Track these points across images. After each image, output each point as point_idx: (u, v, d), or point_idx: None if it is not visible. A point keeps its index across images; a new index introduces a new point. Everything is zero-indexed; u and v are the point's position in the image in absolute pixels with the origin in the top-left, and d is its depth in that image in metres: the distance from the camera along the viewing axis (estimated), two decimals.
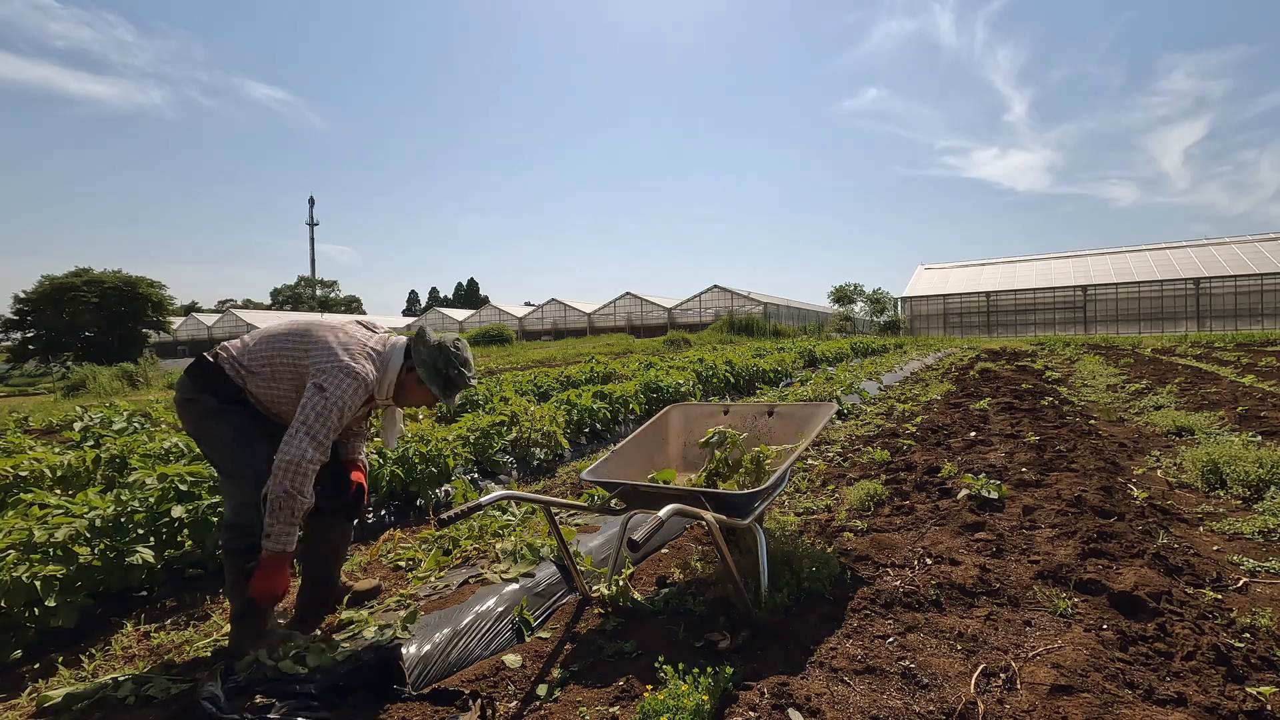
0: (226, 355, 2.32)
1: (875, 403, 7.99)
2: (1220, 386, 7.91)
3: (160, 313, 31.92)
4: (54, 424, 7.59)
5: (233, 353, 2.32)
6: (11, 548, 2.43)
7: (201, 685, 1.85)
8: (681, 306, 46.91)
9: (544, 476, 5.13)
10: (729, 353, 13.95)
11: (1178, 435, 5.49)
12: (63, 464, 3.93)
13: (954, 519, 3.23)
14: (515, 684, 2.05)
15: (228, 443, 2.27)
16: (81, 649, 2.45)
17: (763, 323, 36.77)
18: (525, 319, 53.00)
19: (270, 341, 2.32)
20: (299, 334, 2.32)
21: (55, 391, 15.99)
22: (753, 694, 1.80)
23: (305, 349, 2.27)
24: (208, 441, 2.31)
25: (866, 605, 2.34)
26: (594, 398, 6.59)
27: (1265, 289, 29.55)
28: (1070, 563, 2.61)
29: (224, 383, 2.28)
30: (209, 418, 2.29)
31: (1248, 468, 3.79)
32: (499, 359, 23.09)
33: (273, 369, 2.29)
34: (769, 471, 2.51)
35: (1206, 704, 1.74)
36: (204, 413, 2.29)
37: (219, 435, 2.28)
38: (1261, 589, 2.55)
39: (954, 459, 4.56)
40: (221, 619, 2.63)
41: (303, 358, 2.26)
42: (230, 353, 2.32)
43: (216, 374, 2.29)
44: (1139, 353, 15.20)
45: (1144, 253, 35.78)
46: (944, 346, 22.38)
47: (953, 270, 41.58)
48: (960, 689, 1.82)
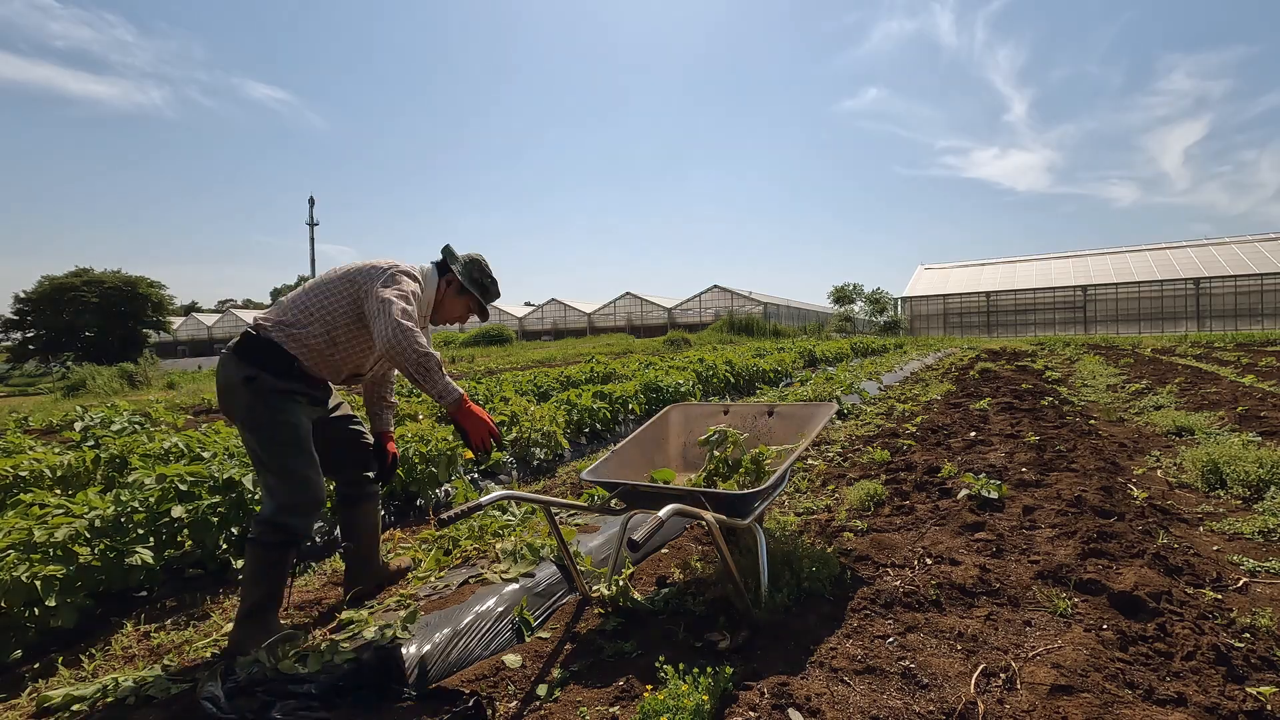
0: (269, 323, 2.25)
1: (875, 403, 7.99)
2: (1220, 386, 7.91)
3: (160, 313, 31.95)
4: (54, 424, 7.59)
5: (273, 319, 2.26)
6: (11, 548, 2.43)
7: (201, 685, 1.85)
8: (681, 306, 46.91)
9: (544, 476, 5.13)
10: (729, 353, 13.95)
11: (1178, 435, 5.48)
12: (63, 464, 3.93)
13: (954, 519, 3.23)
14: (515, 684, 2.05)
15: (287, 439, 2.21)
16: (81, 649, 2.45)
17: (763, 323, 36.77)
18: (525, 319, 52.99)
19: (310, 292, 2.32)
20: (337, 275, 2.34)
21: (55, 391, 15.99)
22: (753, 694, 1.80)
23: (351, 278, 2.30)
24: (264, 430, 2.20)
25: (866, 605, 2.34)
26: (594, 398, 6.59)
27: (1265, 289, 29.54)
28: (1070, 563, 2.61)
29: (277, 355, 2.22)
30: (268, 404, 2.19)
31: (1248, 468, 3.79)
32: (499, 359, 23.08)
33: (324, 309, 2.28)
34: (769, 471, 2.51)
35: (1206, 704, 1.74)
36: (265, 394, 2.19)
37: (279, 426, 2.20)
38: (1261, 589, 2.55)
39: (954, 459, 4.56)
40: (222, 619, 2.63)
41: (352, 285, 2.29)
42: (271, 320, 2.26)
43: (268, 346, 2.22)
44: (1139, 353, 15.20)
45: (1144, 253, 35.77)
46: (944, 346, 22.37)
47: (953, 270, 41.57)
48: (960, 689, 1.82)
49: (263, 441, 2.21)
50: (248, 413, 2.21)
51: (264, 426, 2.20)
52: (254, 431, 2.21)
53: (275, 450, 2.21)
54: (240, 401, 2.20)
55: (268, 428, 2.20)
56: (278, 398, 2.21)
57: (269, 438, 2.20)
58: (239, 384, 2.19)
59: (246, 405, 2.20)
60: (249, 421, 2.21)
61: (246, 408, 2.20)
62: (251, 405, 2.19)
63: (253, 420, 2.21)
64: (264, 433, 2.20)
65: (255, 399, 2.19)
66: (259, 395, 2.19)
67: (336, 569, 3.17)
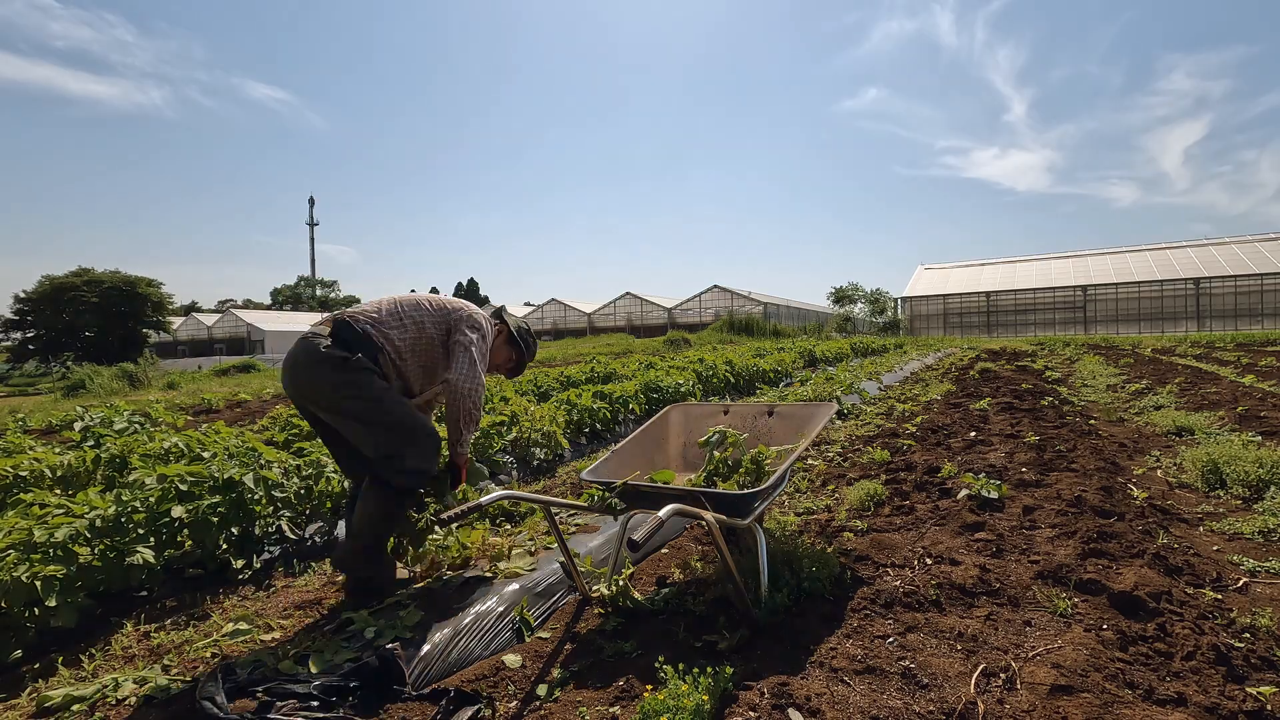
0: (365, 320, 2.54)
1: (875, 403, 8.00)
2: (1220, 386, 7.91)
3: (160, 313, 31.97)
4: (54, 424, 7.59)
5: (368, 318, 2.55)
6: (11, 548, 2.43)
7: (202, 685, 1.85)
8: (681, 306, 46.91)
9: (544, 476, 5.12)
10: (729, 353, 13.95)
11: (1178, 435, 5.49)
12: (63, 464, 3.92)
13: (954, 519, 3.23)
14: (515, 684, 2.05)
15: (392, 398, 2.48)
16: (81, 649, 2.45)
17: (763, 323, 36.77)
18: (525, 319, 52.96)
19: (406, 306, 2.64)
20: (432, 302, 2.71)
21: (55, 391, 15.99)
22: (753, 694, 1.80)
23: (446, 310, 2.68)
24: (378, 401, 2.44)
25: (866, 605, 2.34)
26: (594, 398, 6.59)
27: (1265, 289, 29.56)
28: (1070, 563, 2.61)
29: (368, 344, 2.49)
30: (365, 376, 2.43)
31: (1248, 468, 3.79)
32: None
33: (417, 324, 2.61)
34: (769, 472, 2.51)
35: (1206, 704, 1.74)
36: (361, 369, 2.43)
37: (382, 390, 2.46)
38: (1261, 589, 2.55)
39: (954, 459, 4.56)
40: (222, 619, 2.63)
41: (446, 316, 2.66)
42: (366, 317, 2.55)
43: (362, 337, 2.49)
44: (1139, 353, 15.20)
45: (1144, 253, 35.79)
46: (944, 346, 22.38)
47: (953, 270, 41.58)
48: (960, 689, 1.82)
49: (372, 407, 2.44)
50: (348, 387, 2.43)
51: (379, 395, 2.46)
52: (359, 400, 2.43)
53: (388, 408, 2.46)
54: (337, 378, 2.43)
55: (372, 393, 2.44)
56: (369, 373, 2.47)
57: (377, 401, 2.45)
58: (337, 361, 2.42)
59: (347, 381, 2.43)
60: (351, 393, 2.43)
61: (347, 383, 2.43)
62: (352, 380, 2.43)
63: (354, 391, 2.43)
64: (380, 400, 2.45)
65: (355, 373, 2.43)
66: (358, 370, 2.43)
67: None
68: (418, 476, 2.49)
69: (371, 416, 2.44)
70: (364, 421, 2.46)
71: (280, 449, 4.43)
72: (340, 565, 2.59)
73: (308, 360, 2.44)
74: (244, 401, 10.65)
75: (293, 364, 2.49)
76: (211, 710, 1.75)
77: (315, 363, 2.42)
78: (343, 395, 2.43)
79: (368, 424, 2.46)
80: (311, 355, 2.43)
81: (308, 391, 2.50)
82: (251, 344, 50.38)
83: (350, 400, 2.43)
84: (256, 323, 53.26)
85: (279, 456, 3.67)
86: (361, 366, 2.43)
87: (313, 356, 2.43)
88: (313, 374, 2.44)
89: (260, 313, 64.37)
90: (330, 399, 2.46)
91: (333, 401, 2.46)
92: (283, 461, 3.60)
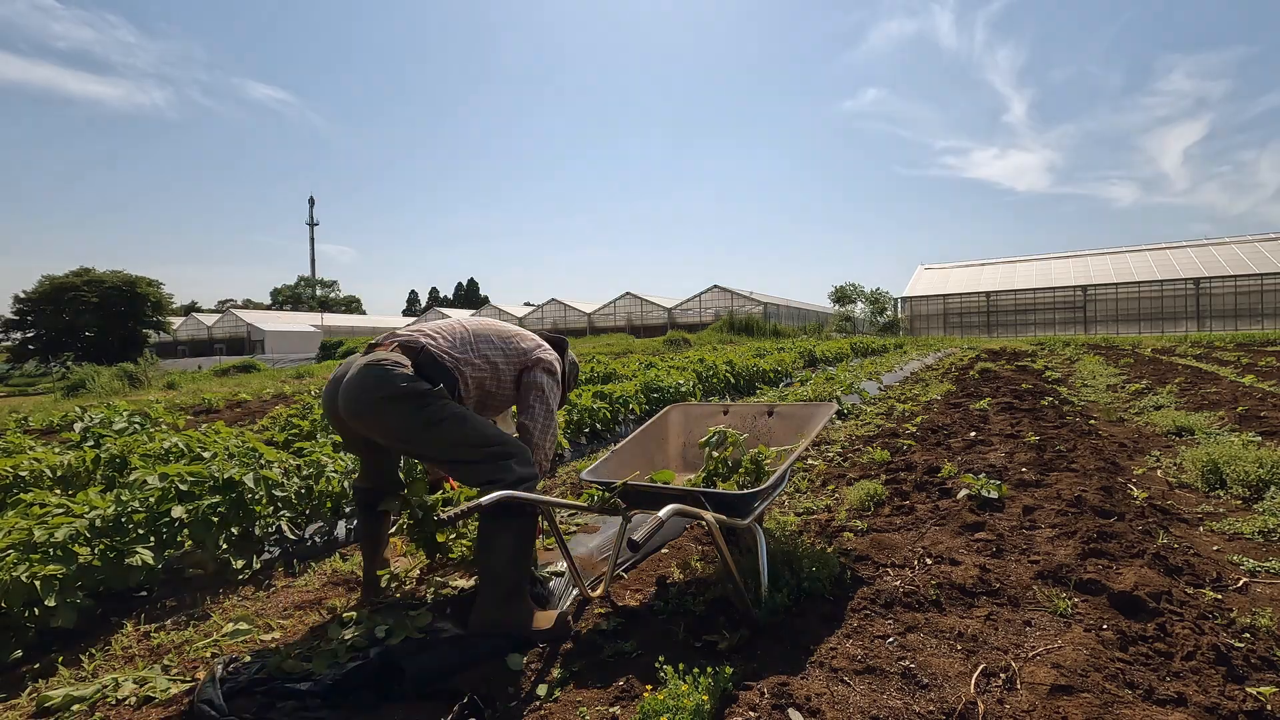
0: (436, 348, 2.41)
1: (875, 403, 7.99)
2: (1220, 386, 7.91)
3: (160, 313, 31.98)
4: (54, 424, 7.59)
5: (445, 347, 2.44)
6: (11, 548, 2.43)
7: (200, 689, 1.85)
8: (681, 306, 46.91)
9: (544, 476, 5.12)
10: (729, 353, 13.95)
11: (1178, 435, 5.49)
12: (63, 464, 3.93)
13: (954, 519, 3.23)
14: (515, 684, 2.05)
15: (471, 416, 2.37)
16: (81, 649, 2.45)
17: (763, 323, 36.77)
18: (525, 319, 53.01)
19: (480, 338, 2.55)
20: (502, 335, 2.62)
21: (55, 391, 15.99)
22: (753, 694, 1.80)
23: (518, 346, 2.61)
24: (469, 425, 2.32)
25: (866, 605, 2.34)
26: (594, 398, 6.59)
27: (1265, 289, 29.56)
28: (1070, 563, 2.61)
29: (449, 376, 2.39)
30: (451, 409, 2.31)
31: (1248, 468, 3.79)
32: None
33: (490, 361, 2.53)
34: (769, 472, 2.51)
35: (1206, 704, 1.74)
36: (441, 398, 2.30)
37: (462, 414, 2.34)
38: (1261, 589, 2.55)
39: (954, 459, 4.56)
40: (222, 619, 2.63)
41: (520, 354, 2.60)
42: (442, 347, 2.43)
43: (447, 371, 2.39)
44: (1139, 353, 15.20)
45: (1144, 253, 35.79)
46: (944, 346, 22.38)
47: (953, 270, 41.59)
48: (960, 689, 1.82)
49: (460, 433, 2.31)
50: (437, 426, 2.28)
51: (468, 419, 2.34)
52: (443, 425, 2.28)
53: (491, 434, 2.36)
54: (423, 415, 2.27)
55: (455, 418, 2.31)
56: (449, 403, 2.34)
57: (460, 423, 2.31)
58: (421, 394, 2.27)
59: (433, 418, 2.27)
60: (433, 422, 2.27)
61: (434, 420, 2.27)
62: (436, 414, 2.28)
63: (438, 417, 2.28)
64: (471, 424, 2.34)
65: (435, 401, 2.28)
66: (438, 398, 2.30)
67: (337, 569, 3.17)
68: (531, 482, 2.36)
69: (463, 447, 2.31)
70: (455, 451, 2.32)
71: (280, 449, 4.43)
72: (487, 626, 2.24)
73: (382, 392, 2.24)
74: (244, 401, 10.65)
75: (357, 391, 2.28)
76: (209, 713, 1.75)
77: (394, 397, 2.23)
78: (432, 431, 2.27)
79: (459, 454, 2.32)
80: (387, 386, 2.24)
81: (373, 423, 2.31)
82: (251, 344, 50.38)
83: (438, 435, 2.28)
84: (256, 323, 53.27)
85: (279, 456, 3.67)
86: (443, 397, 2.32)
87: (389, 388, 2.23)
88: (387, 407, 2.24)
89: (260, 313, 64.38)
90: (409, 432, 2.28)
91: (412, 434, 2.28)
92: (283, 461, 3.60)
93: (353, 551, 3.45)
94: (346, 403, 2.32)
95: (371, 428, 2.34)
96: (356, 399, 2.28)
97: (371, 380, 2.26)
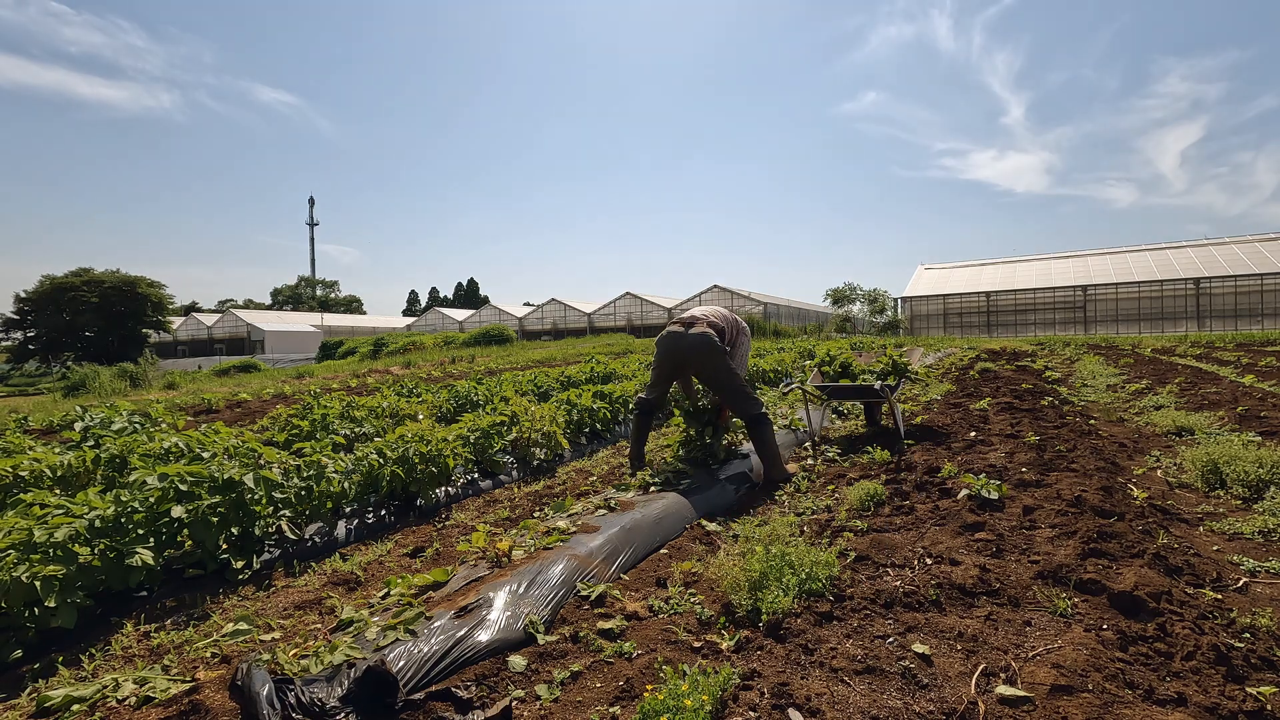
0: (720, 325, 4.51)
1: None
2: (1220, 386, 7.90)
3: (160, 313, 31.98)
4: (54, 424, 7.59)
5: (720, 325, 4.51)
6: (11, 548, 2.43)
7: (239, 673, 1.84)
8: (682, 306, 46.87)
9: (544, 477, 5.12)
10: None
11: (1178, 435, 5.48)
12: (63, 464, 3.93)
13: (954, 519, 3.23)
14: (515, 684, 2.05)
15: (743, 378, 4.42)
16: (81, 649, 2.45)
17: (763, 323, 36.75)
18: (525, 319, 52.98)
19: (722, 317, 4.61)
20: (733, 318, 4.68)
21: (55, 391, 15.98)
22: (753, 694, 1.80)
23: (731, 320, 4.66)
24: (733, 375, 4.31)
25: (866, 605, 2.34)
26: (594, 398, 6.59)
27: (1265, 289, 29.53)
28: (1070, 563, 2.61)
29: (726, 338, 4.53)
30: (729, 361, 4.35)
31: (1248, 468, 3.79)
32: (499, 359, 23.06)
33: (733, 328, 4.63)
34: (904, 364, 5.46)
35: (1206, 704, 1.74)
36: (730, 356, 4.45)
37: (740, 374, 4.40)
38: (1261, 589, 2.55)
39: (954, 459, 4.56)
40: (222, 619, 2.63)
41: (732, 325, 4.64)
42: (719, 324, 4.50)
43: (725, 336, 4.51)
44: (1139, 353, 15.19)
45: (1144, 253, 35.77)
46: (944, 346, 22.38)
47: (953, 270, 41.56)
48: (960, 689, 1.82)
49: (736, 380, 4.32)
50: (726, 360, 4.32)
51: (731, 369, 4.33)
52: (729, 371, 4.30)
53: (740, 375, 4.43)
54: (722, 362, 4.29)
55: (734, 369, 4.36)
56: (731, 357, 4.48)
57: (737, 372, 4.39)
58: (722, 350, 4.33)
59: (726, 365, 4.31)
60: (726, 367, 4.30)
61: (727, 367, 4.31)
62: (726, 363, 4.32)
63: (728, 365, 4.32)
64: (734, 371, 4.35)
65: (727, 358, 4.36)
66: (728, 356, 4.41)
67: (337, 569, 3.17)
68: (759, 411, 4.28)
69: (734, 384, 4.30)
70: (729, 385, 4.30)
71: (280, 449, 4.43)
72: (773, 476, 4.26)
73: (704, 349, 4.26)
74: (244, 401, 10.65)
75: (688, 347, 4.31)
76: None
77: (711, 351, 4.24)
78: (724, 371, 4.28)
79: (732, 387, 4.30)
80: (706, 345, 4.25)
81: (696, 367, 4.35)
82: (251, 344, 50.39)
83: (726, 374, 4.28)
84: (256, 323, 53.26)
85: (279, 457, 3.67)
86: (729, 355, 4.41)
87: (708, 347, 4.25)
88: (707, 358, 4.25)
89: (260, 313, 64.34)
90: (713, 372, 4.30)
91: (714, 373, 4.29)
92: (283, 462, 3.60)
93: (354, 551, 3.45)
94: (692, 352, 4.29)
95: (700, 368, 4.33)
96: (700, 350, 4.27)
97: (699, 342, 4.29)
